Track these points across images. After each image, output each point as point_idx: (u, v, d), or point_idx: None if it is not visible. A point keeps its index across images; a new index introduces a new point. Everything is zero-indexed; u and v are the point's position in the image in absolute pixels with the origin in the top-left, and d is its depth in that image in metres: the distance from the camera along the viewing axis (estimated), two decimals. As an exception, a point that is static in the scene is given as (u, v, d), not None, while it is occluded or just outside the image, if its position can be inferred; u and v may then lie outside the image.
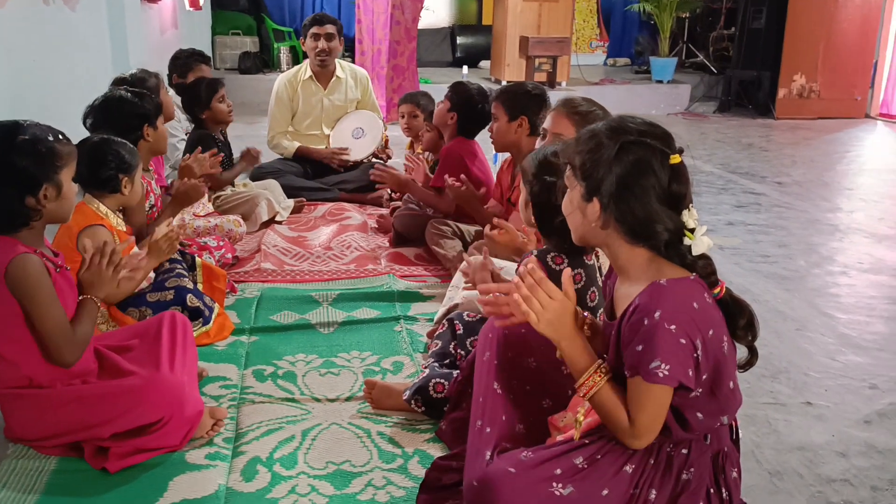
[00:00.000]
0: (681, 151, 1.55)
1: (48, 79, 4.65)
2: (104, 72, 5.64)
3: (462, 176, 3.31)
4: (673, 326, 1.46)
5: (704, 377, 1.51)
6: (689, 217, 1.53)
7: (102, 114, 2.88)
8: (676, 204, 1.53)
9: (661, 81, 9.31)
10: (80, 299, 2.01)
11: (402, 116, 4.37)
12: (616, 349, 1.59)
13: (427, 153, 4.11)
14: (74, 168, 1.99)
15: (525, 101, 3.15)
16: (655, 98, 8.98)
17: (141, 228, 2.90)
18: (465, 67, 9.42)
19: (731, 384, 1.57)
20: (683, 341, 1.47)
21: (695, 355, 1.48)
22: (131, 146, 2.66)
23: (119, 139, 2.63)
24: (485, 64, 9.94)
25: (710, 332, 1.51)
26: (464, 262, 2.52)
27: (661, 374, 1.46)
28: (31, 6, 4.47)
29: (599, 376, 1.57)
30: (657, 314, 1.47)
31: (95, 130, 2.83)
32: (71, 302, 1.99)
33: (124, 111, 2.87)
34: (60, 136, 1.96)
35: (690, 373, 1.48)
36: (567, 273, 1.66)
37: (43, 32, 4.62)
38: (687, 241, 1.54)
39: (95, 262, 2.03)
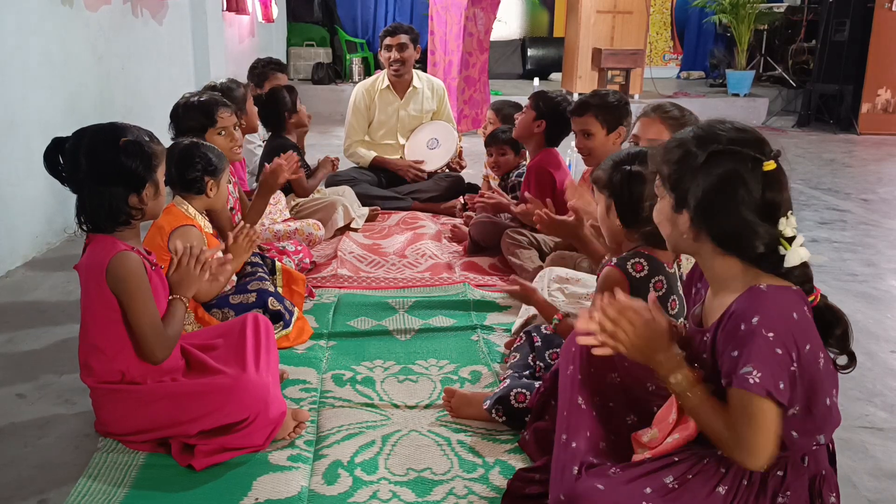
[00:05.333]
0: (777, 155, 1.47)
1: (135, 84, 4.83)
2: (186, 79, 5.82)
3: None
4: (771, 334, 1.39)
5: (798, 393, 1.44)
6: (787, 225, 1.45)
7: (172, 120, 2.99)
8: (772, 213, 1.45)
9: (737, 95, 9.12)
10: (170, 299, 2.06)
11: (490, 123, 4.36)
12: (711, 358, 1.53)
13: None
14: (165, 167, 2.05)
15: (619, 112, 3.09)
16: (731, 112, 8.78)
17: (224, 231, 2.95)
18: (536, 79, 9.41)
19: (828, 401, 1.48)
20: (780, 351, 1.39)
21: (791, 368, 1.40)
22: (219, 151, 2.73)
23: (208, 143, 2.70)
24: (555, 76, 9.91)
25: (807, 347, 1.42)
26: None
27: (750, 381, 1.39)
28: (121, 16, 4.65)
29: (683, 374, 1.51)
30: (755, 319, 1.40)
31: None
32: (163, 299, 2.05)
33: (189, 116, 2.96)
34: (154, 137, 2.03)
35: (782, 385, 1.39)
36: (652, 297, 1.62)
37: (132, 41, 4.80)
38: (781, 250, 1.47)
39: (184, 263, 2.08)
